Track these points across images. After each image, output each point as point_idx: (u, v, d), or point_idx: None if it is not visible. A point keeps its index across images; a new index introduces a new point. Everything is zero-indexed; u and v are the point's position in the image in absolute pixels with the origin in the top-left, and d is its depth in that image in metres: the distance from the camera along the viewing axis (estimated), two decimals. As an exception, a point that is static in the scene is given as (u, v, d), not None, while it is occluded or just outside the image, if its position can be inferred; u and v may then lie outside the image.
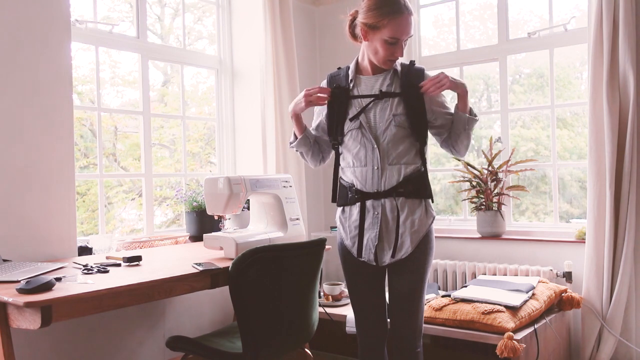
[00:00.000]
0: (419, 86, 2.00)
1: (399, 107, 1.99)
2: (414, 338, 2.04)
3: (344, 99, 2.06)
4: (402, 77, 2.03)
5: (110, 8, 3.26)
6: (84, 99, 3.31)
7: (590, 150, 2.90)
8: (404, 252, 1.98)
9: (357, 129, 2.02)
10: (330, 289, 3.24)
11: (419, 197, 2.00)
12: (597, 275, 2.88)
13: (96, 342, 2.57)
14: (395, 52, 1.97)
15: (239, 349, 2.13)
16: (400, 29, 1.93)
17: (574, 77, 3.55)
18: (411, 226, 1.97)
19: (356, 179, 2.04)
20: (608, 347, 2.86)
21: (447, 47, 3.83)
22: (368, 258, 2.03)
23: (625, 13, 2.76)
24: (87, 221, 3.36)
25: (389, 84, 2.03)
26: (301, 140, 2.18)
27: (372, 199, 2.00)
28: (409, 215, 1.98)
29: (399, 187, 1.98)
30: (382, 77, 2.05)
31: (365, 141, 2.00)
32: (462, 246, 3.44)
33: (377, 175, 1.99)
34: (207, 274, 2.08)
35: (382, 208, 1.99)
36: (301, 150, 2.22)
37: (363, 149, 2.01)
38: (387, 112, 1.99)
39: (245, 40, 3.59)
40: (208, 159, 3.86)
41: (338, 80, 2.12)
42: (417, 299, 2.03)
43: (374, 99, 2.02)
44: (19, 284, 1.68)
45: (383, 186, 1.99)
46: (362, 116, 2.01)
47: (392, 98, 2.00)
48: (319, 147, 2.23)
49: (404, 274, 2.01)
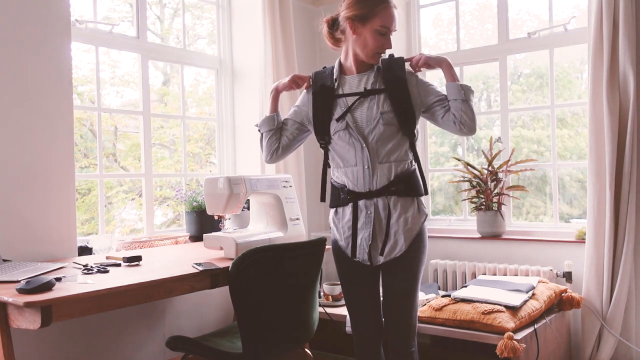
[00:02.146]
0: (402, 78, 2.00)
1: (385, 104, 1.98)
2: (408, 337, 2.04)
3: (329, 98, 2.06)
4: (385, 72, 2.02)
5: (110, 8, 3.26)
6: (84, 99, 3.31)
7: (590, 150, 2.90)
8: (397, 250, 1.98)
9: (344, 129, 2.01)
10: (330, 289, 3.24)
11: (411, 195, 1.99)
12: (597, 275, 2.88)
13: (96, 342, 2.57)
14: (385, 43, 1.98)
15: (239, 349, 2.13)
16: (390, 18, 1.96)
17: (574, 77, 3.55)
18: (404, 224, 1.97)
19: (347, 180, 2.03)
20: (608, 347, 2.86)
21: (447, 47, 3.83)
22: (362, 258, 2.02)
23: (625, 13, 2.76)
24: (87, 221, 3.36)
25: (373, 81, 2.02)
26: (267, 119, 2.19)
27: (364, 198, 2.00)
28: (401, 214, 1.97)
29: (390, 185, 1.97)
30: (366, 76, 2.04)
31: (354, 141, 1.99)
32: (462, 246, 3.44)
33: (368, 175, 1.99)
34: (207, 274, 2.08)
35: (374, 207, 1.99)
36: (263, 131, 2.20)
37: (352, 149, 2.00)
38: (374, 110, 1.98)
39: (245, 40, 3.59)
40: (208, 159, 3.86)
41: (323, 78, 2.11)
42: (411, 298, 2.02)
43: (359, 97, 2.01)
44: (19, 284, 1.68)
45: (375, 185, 1.98)
46: (348, 116, 2.00)
47: (378, 95, 1.99)
48: (279, 135, 2.20)
49: (398, 272, 2.01)
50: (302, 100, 2.19)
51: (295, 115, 2.19)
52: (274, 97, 2.21)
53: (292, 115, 2.20)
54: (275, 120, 2.19)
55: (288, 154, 2.26)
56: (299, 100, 2.21)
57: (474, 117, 1.98)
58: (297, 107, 2.19)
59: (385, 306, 2.08)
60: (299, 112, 2.18)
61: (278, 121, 2.19)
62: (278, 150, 2.20)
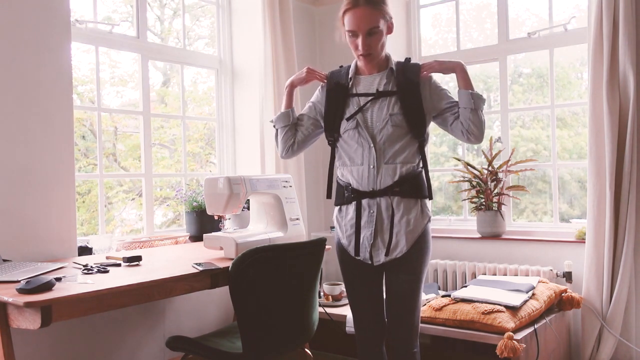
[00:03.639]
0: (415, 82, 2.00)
1: (395, 106, 1.99)
2: (410, 338, 2.04)
3: (342, 96, 2.07)
4: (398, 75, 2.03)
5: (111, 8, 3.26)
6: (84, 99, 3.31)
7: (590, 150, 2.90)
8: (398, 251, 1.98)
9: (354, 128, 2.02)
10: (330, 289, 3.24)
11: (415, 196, 2.00)
12: (597, 275, 2.88)
13: (96, 342, 2.57)
14: (359, 45, 1.98)
15: (239, 349, 2.13)
16: (355, 22, 1.95)
17: (574, 77, 3.55)
18: (406, 225, 1.97)
19: (352, 178, 2.05)
20: (608, 347, 2.86)
21: (447, 47, 3.83)
22: (364, 257, 2.03)
23: (625, 13, 2.76)
24: (88, 221, 3.36)
25: (385, 82, 2.04)
26: (282, 115, 2.19)
27: (367, 197, 2.01)
28: (404, 215, 1.98)
29: (394, 186, 1.98)
30: (379, 77, 2.06)
31: (362, 140, 2.01)
32: (462, 246, 3.44)
33: (372, 174, 1.99)
34: (207, 274, 2.08)
35: (377, 207, 2.00)
36: (279, 127, 2.21)
37: (360, 148, 2.02)
38: (385, 111, 1.99)
39: (245, 41, 3.59)
40: (208, 159, 3.86)
41: (338, 77, 2.13)
42: (414, 299, 2.02)
43: (371, 98, 2.02)
44: (19, 284, 1.68)
45: (379, 185, 1.99)
46: (359, 115, 2.02)
47: (389, 97, 2.00)
48: (295, 131, 2.21)
49: (400, 273, 2.01)
50: (316, 96, 2.21)
51: (310, 111, 2.21)
52: (289, 92, 2.22)
53: (307, 111, 2.22)
54: (290, 116, 2.20)
55: (304, 150, 2.26)
56: (314, 96, 2.23)
57: (482, 126, 1.98)
58: (312, 103, 2.21)
59: (387, 306, 2.08)
60: (313, 108, 2.20)
61: (293, 117, 2.21)
62: (294, 146, 2.21)
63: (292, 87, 2.23)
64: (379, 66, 2.06)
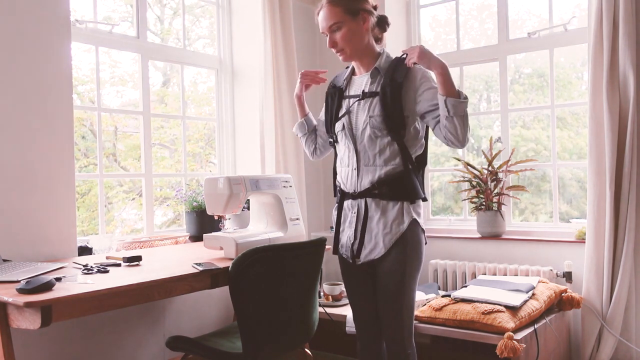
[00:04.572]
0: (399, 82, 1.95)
1: (376, 107, 1.97)
2: (401, 340, 2.01)
3: (337, 98, 2.11)
4: (386, 74, 1.99)
5: (111, 8, 3.26)
6: (84, 99, 3.31)
7: (590, 150, 2.90)
8: (377, 252, 1.99)
9: (342, 130, 2.07)
10: (330, 289, 3.24)
11: (395, 198, 1.97)
12: (597, 275, 2.88)
13: (96, 342, 2.57)
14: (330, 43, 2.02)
15: (239, 349, 2.13)
16: (320, 23, 2.04)
17: (574, 77, 3.55)
18: (384, 227, 1.97)
19: (341, 179, 2.11)
20: (608, 347, 2.86)
21: (447, 47, 3.83)
22: (346, 256, 2.08)
23: (625, 13, 2.76)
24: (87, 221, 3.36)
25: (371, 83, 2.03)
26: (298, 125, 2.31)
27: (350, 199, 2.06)
28: (381, 217, 1.98)
29: (372, 188, 1.99)
30: (366, 77, 2.06)
31: (348, 142, 2.05)
32: (462, 246, 3.44)
33: (354, 176, 2.03)
34: (207, 274, 2.08)
35: (357, 208, 2.03)
36: (298, 134, 2.33)
37: (347, 150, 2.06)
38: (365, 113, 2.00)
39: (245, 40, 3.59)
40: (208, 159, 3.86)
41: (339, 79, 2.17)
42: (399, 300, 1.98)
43: (357, 99, 2.04)
44: (19, 284, 1.68)
45: (359, 187, 2.02)
46: (345, 117, 2.05)
47: (372, 98, 2.00)
48: (315, 137, 2.31)
49: (383, 275, 2.01)
50: None
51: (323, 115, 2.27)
52: (297, 103, 2.30)
53: (322, 115, 2.28)
54: (305, 125, 2.30)
55: (329, 151, 2.31)
56: None
57: (461, 133, 1.85)
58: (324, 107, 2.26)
59: (377, 308, 2.08)
60: None
61: (308, 125, 2.30)
62: (317, 151, 2.33)
63: (297, 97, 2.29)
64: (368, 66, 2.06)
